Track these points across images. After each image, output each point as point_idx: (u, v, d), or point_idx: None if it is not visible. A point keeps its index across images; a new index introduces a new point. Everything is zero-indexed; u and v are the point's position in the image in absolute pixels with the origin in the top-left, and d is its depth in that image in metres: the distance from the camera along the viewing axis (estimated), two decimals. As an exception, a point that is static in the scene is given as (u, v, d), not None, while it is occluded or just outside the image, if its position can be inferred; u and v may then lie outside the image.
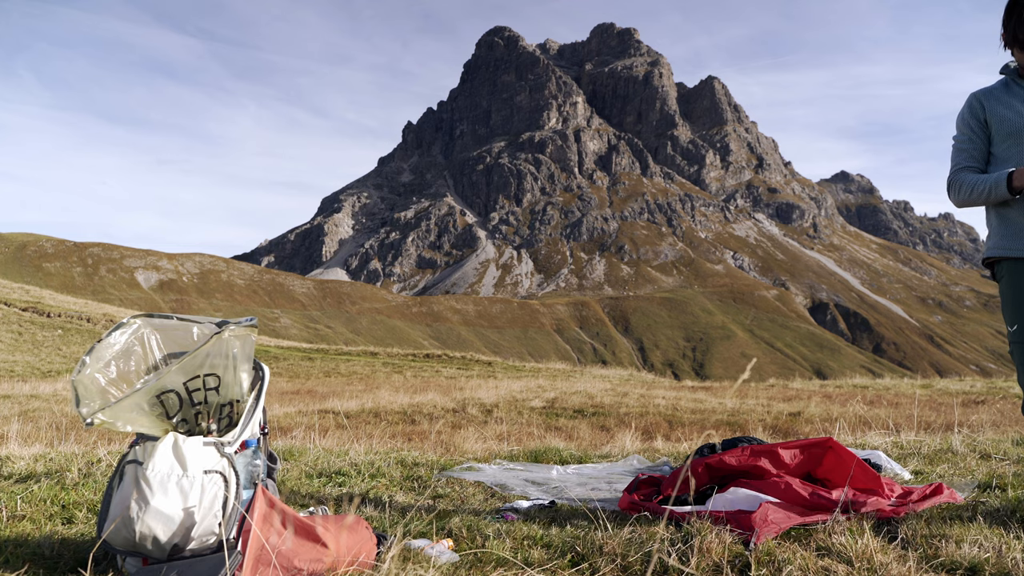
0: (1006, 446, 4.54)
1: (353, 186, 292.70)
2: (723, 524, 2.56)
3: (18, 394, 15.01)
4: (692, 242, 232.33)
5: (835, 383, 20.16)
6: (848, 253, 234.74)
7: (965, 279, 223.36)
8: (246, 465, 2.40)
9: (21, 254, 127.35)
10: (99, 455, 4.33)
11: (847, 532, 2.51)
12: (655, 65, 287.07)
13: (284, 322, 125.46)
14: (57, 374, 22.67)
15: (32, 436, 6.50)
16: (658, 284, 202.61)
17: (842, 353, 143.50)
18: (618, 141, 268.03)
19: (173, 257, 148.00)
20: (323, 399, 14.37)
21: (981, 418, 8.25)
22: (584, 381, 20.68)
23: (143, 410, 2.23)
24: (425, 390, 17.03)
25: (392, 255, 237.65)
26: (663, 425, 10.29)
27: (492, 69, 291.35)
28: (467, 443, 6.38)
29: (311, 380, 23.66)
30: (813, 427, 8.93)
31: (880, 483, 3.08)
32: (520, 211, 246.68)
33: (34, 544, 2.46)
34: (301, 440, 5.69)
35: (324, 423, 9.28)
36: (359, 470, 4.09)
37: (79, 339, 30.51)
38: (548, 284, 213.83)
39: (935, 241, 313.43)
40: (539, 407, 12.89)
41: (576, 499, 3.38)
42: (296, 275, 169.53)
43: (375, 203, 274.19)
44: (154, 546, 2.10)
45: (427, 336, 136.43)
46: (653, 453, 5.07)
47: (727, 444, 3.42)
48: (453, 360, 32.38)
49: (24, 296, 39.17)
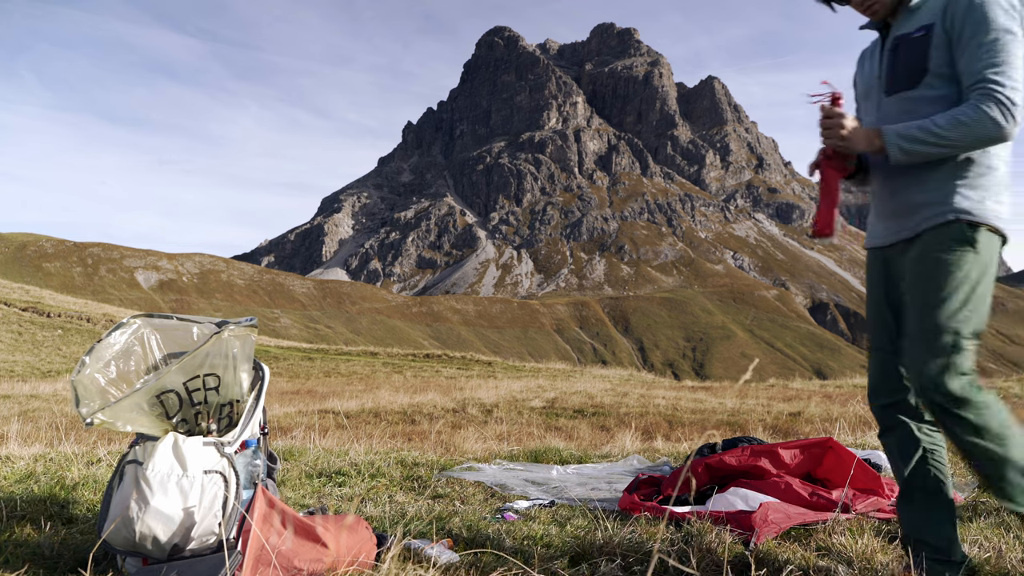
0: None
1: (353, 186, 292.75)
2: (723, 524, 2.57)
3: (18, 394, 15.02)
4: (692, 242, 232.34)
5: (835, 383, 20.16)
6: (848, 253, 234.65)
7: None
8: (246, 465, 2.40)
9: (21, 254, 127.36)
10: (99, 455, 4.33)
11: (847, 532, 2.52)
12: (655, 65, 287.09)
13: (284, 322, 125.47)
14: (57, 374, 22.67)
15: (32, 436, 6.50)
16: (658, 284, 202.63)
17: (842, 353, 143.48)
18: (618, 141, 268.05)
19: (173, 257, 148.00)
20: (323, 399, 14.37)
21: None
22: (584, 381, 20.69)
23: (143, 410, 2.23)
24: (425, 390, 17.03)
25: (392, 255, 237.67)
26: (663, 425, 10.29)
27: (492, 69, 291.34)
28: (467, 443, 6.38)
29: (311, 380, 23.66)
30: (813, 427, 8.93)
31: (880, 483, 3.08)
32: (520, 211, 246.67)
33: (34, 544, 2.46)
34: (301, 440, 5.69)
35: (324, 423, 9.28)
36: (359, 470, 4.09)
37: (79, 339, 30.51)
38: (548, 284, 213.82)
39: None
40: (539, 407, 12.89)
41: (576, 499, 3.38)
42: (296, 275, 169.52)
43: (375, 203, 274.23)
44: (154, 546, 2.10)
45: (427, 336, 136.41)
46: (653, 453, 5.07)
47: (727, 444, 3.42)
48: (453, 360, 32.38)
49: (24, 296, 39.18)
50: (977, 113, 1.95)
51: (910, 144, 2.03)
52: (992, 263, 2.08)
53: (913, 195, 2.14)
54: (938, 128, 2.00)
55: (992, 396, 2.03)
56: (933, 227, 2.09)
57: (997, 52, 1.95)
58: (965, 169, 2.07)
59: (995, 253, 2.09)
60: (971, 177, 2.07)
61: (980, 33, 1.98)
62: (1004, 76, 1.94)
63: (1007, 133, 1.97)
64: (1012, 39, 1.96)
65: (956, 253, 2.05)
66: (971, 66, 2.00)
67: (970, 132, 1.97)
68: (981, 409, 2.00)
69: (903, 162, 2.08)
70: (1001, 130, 1.95)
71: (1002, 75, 1.94)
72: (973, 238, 2.05)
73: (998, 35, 1.96)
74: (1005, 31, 1.96)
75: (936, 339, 2.02)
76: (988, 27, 1.97)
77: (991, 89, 1.94)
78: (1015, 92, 1.93)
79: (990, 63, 1.96)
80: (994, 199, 2.07)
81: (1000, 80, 1.94)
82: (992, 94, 1.94)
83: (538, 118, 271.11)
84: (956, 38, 2.02)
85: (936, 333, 2.02)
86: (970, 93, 2.00)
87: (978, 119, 1.95)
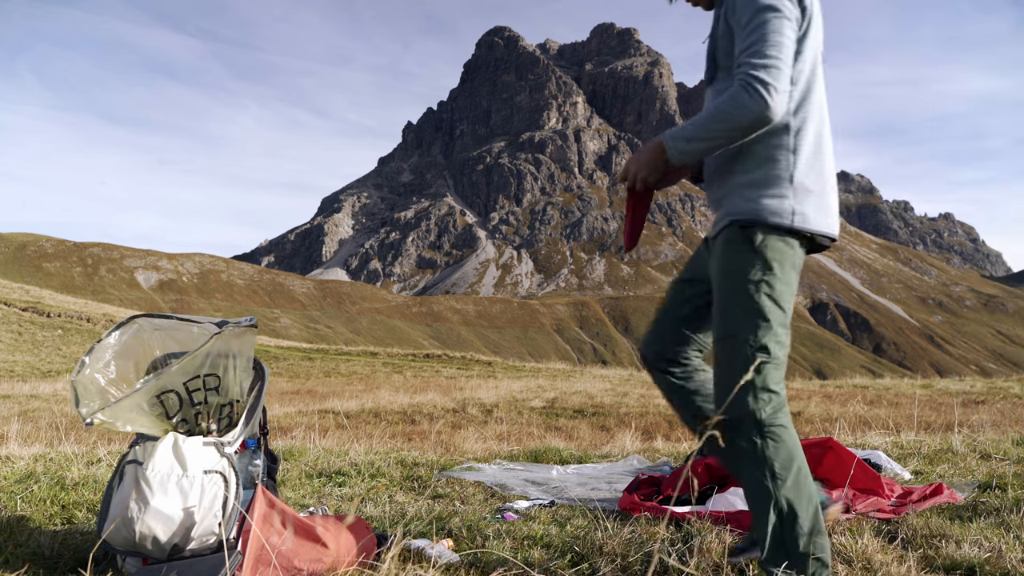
0: (1006, 446, 4.54)
1: (353, 186, 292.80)
2: (723, 524, 2.57)
3: (18, 394, 15.01)
4: (692, 242, 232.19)
5: (835, 383, 20.15)
6: (848, 253, 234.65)
7: (965, 279, 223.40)
8: (246, 465, 2.40)
9: (21, 254, 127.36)
10: (99, 455, 4.33)
11: (847, 532, 2.51)
12: (655, 65, 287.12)
13: (284, 322, 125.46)
14: (57, 374, 22.67)
15: (32, 436, 6.50)
16: (658, 284, 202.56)
17: (842, 353, 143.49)
18: (618, 141, 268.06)
19: (173, 257, 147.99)
20: (323, 399, 14.37)
21: (981, 418, 8.25)
22: (584, 381, 20.68)
23: (143, 410, 2.23)
24: (425, 390, 17.02)
25: (392, 255, 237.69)
26: (663, 425, 10.29)
27: (492, 69, 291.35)
28: (467, 443, 6.38)
29: (311, 380, 23.66)
30: (813, 427, 8.92)
31: (880, 483, 3.08)
32: (520, 211, 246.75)
33: (34, 544, 2.46)
34: (301, 440, 5.69)
35: (324, 423, 9.28)
36: (359, 470, 4.09)
37: (79, 339, 30.51)
38: (548, 284, 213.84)
39: (935, 241, 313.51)
40: (539, 407, 12.89)
41: (576, 499, 3.38)
42: (296, 275, 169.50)
43: (375, 203, 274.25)
44: (154, 546, 2.10)
45: (427, 336, 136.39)
46: (653, 453, 5.07)
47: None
48: (453, 360, 32.37)
49: (24, 296, 39.18)
50: (732, 100, 1.80)
51: (684, 144, 1.91)
52: (781, 265, 1.90)
53: (713, 193, 2.06)
54: (703, 122, 1.87)
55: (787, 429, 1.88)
56: (719, 231, 1.98)
57: (756, 31, 1.81)
58: (744, 163, 1.94)
59: (783, 253, 1.90)
60: (750, 172, 1.92)
61: (745, 17, 1.84)
62: (758, 56, 1.78)
63: (765, 116, 1.79)
64: (774, 16, 1.81)
65: (734, 259, 1.91)
66: (738, 54, 1.86)
67: (729, 120, 1.82)
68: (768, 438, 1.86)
69: (687, 162, 1.95)
70: (757, 114, 1.78)
71: (756, 55, 1.79)
72: (750, 240, 1.90)
73: (759, 14, 1.81)
74: (766, 8, 1.81)
75: (727, 352, 1.90)
76: (751, 9, 1.83)
77: (745, 72, 1.79)
78: (768, 71, 1.77)
79: (748, 45, 1.82)
80: (773, 195, 1.90)
81: (753, 61, 1.79)
82: (745, 77, 1.79)
83: (538, 118, 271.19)
84: (735, 27, 1.89)
85: (725, 345, 1.91)
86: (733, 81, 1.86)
87: (734, 106, 1.80)
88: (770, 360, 1.87)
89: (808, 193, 1.91)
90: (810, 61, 1.93)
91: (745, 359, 1.87)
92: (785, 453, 1.85)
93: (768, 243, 1.89)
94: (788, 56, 1.81)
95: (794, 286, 1.95)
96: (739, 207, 1.92)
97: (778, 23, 1.81)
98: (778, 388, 1.89)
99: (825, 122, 1.99)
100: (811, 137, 1.93)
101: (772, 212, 1.89)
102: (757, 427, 1.86)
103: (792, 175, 1.90)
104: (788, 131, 1.91)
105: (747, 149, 1.93)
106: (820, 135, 1.96)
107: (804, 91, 1.93)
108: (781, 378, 1.91)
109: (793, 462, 1.85)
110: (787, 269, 1.90)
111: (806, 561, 1.81)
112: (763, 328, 1.87)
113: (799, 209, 1.89)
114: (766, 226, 1.89)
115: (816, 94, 1.96)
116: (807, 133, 1.92)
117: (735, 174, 1.96)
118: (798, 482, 1.84)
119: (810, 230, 1.90)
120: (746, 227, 1.91)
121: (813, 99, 1.95)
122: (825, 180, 1.96)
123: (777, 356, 1.89)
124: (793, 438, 1.88)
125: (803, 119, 1.92)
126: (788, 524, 1.82)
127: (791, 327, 1.96)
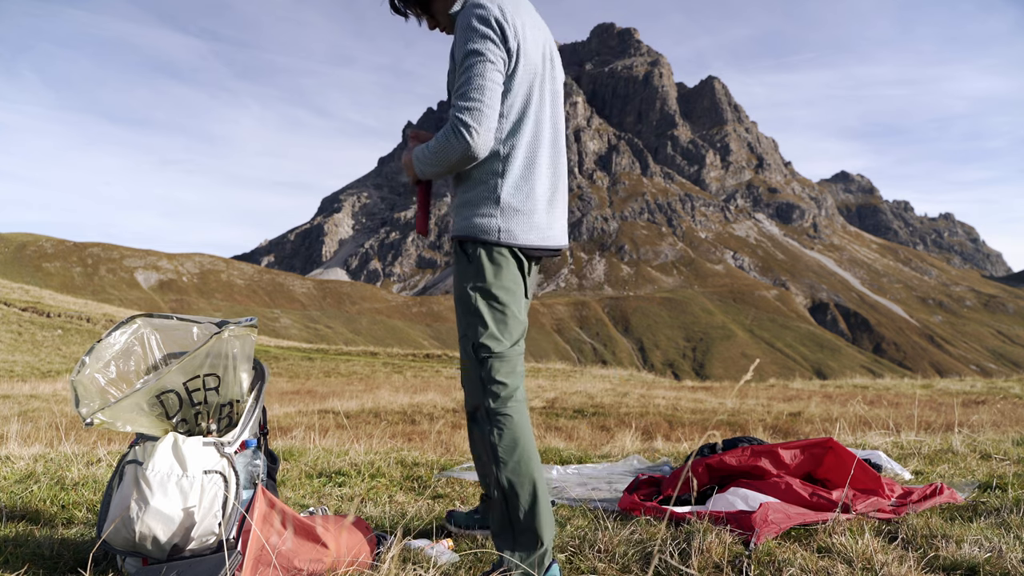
0: (1006, 446, 4.54)
1: (353, 186, 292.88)
2: (723, 524, 2.56)
3: (18, 394, 15.01)
4: (692, 242, 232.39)
5: (835, 383, 20.15)
6: (848, 253, 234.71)
7: (965, 279, 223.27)
8: (246, 465, 2.40)
9: (21, 254, 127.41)
10: (99, 455, 4.33)
11: (847, 532, 2.51)
12: (655, 65, 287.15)
13: (284, 322, 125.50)
14: (57, 374, 22.66)
15: (32, 436, 6.50)
16: (658, 284, 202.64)
17: (842, 353, 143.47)
18: (618, 141, 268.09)
19: (173, 257, 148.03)
20: (323, 399, 14.37)
21: (981, 418, 8.25)
22: (584, 381, 20.68)
23: (143, 410, 2.23)
24: (425, 390, 17.03)
25: (392, 255, 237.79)
26: (663, 425, 10.29)
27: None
28: (467, 443, 6.37)
29: (311, 380, 23.66)
30: (813, 427, 8.92)
31: (880, 483, 3.08)
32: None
33: (34, 544, 2.46)
34: (301, 440, 5.69)
35: (324, 423, 9.28)
36: (359, 470, 4.08)
37: (79, 339, 30.51)
38: (548, 284, 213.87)
39: (935, 241, 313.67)
40: (539, 407, 12.89)
41: (576, 499, 3.38)
42: (296, 275, 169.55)
43: (375, 203, 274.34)
44: (154, 546, 2.10)
45: (427, 336, 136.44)
46: (653, 453, 5.06)
47: (728, 444, 3.42)
48: (453, 360, 32.37)
49: (24, 296, 39.18)
50: (444, 138, 2.01)
51: (421, 165, 2.13)
52: (495, 274, 2.09)
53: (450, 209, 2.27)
54: (429, 153, 2.08)
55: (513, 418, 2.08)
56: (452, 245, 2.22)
57: (464, 74, 1.97)
58: (463, 185, 2.14)
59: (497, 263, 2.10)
60: (467, 193, 2.13)
61: (459, 58, 2.01)
62: (464, 99, 1.95)
63: (469, 154, 1.99)
64: (479, 60, 1.96)
65: (456, 269, 2.15)
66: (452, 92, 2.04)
67: (443, 155, 2.03)
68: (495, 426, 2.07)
69: (430, 178, 2.18)
70: (461, 153, 1.99)
71: (463, 98, 1.96)
72: (467, 254, 2.11)
73: (467, 59, 1.98)
74: (472, 53, 1.97)
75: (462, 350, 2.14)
76: (462, 52, 1.99)
77: (453, 115, 1.98)
78: (471, 114, 1.94)
79: (458, 87, 1.98)
80: (483, 214, 2.09)
81: (460, 104, 1.96)
82: (453, 120, 1.97)
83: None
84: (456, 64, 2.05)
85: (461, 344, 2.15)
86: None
87: (446, 144, 2.00)
88: (492, 355, 2.08)
89: (515, 212, 2.11)
90: (522, 95, 2.10)
91: (470, 356, 2.11)
92: (509, 439, 2.06)
93: (480, 255, 2.10)
94: (492, 97, 1.98)
95: (517, 290, 2.16)
96: (458, 225, 2.15)
97: (482, 67, 1.97)
98: (506, 380, 2.09)
99: (542, 144, 2.16)
100: (520, 162, 2.12)
101: (482, 230, 2.09)
102: (487, 415, 2.08)
103: (499, 196, 2.10)
104: (499, 157, 2.10)
105: (465, 173, 2.14)
106: (531, 159, 2.14)
107: (515, 121, 2.11)
108: (511, 370, 2.11)
109: (516, 447, 2.06)
110: (502, 276, 2.11)
111: (529, 537, 2.05)
112: (481, 328, 2.09)
113: (504, 227, 2.10)
114: (477, 241, 2.10)
115: (528, 123, 2.13)
116: (516, 159, 2.11)
117: (457, 195, 2.18)
118: (519, 466, 2.05)
119: (517, 244, 2.11)
120: (463, 242, 2.12)
121: (525, 128, 2.12)
122: (536, 199, 2.14)
123: (499, 352, 2.09)
124: (520, 426, 2.09)
125: (512, 146, 2.11)
126: (512, 503, 2.05)
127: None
